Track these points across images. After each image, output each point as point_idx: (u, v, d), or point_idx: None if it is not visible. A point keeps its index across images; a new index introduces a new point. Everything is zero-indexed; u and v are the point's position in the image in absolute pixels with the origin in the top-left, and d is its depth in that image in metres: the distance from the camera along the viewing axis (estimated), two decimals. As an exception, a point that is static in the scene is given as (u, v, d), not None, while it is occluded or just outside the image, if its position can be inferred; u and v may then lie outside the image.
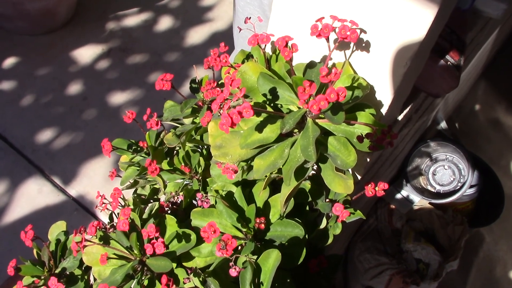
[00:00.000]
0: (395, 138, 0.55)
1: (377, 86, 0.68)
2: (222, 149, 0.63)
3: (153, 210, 0.78)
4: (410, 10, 0.58)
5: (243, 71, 0.64)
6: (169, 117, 0.83)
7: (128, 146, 0.89)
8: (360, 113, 0.62)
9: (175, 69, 2.10)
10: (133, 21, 2.28)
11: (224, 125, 0.52)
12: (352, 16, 0.64)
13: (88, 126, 1.88)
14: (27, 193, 1.68)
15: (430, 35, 0.61)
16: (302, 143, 0.59)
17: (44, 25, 2.15)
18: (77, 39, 2.17)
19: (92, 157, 1.77)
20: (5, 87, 1.96)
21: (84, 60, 2.10)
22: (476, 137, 2.09)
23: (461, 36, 0.87)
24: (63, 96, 1.97)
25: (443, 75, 0.81)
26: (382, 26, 0.62)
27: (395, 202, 1.48)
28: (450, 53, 0.83)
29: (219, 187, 0.74)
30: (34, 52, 2.10)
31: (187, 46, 2.21)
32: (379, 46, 0.64)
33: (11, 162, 1.74)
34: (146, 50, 2.17)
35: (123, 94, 2.00)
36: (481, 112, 2.20)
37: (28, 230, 0.74)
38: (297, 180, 0.61)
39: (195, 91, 0.84)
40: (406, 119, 0.89)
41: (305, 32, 0.69)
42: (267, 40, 0.66)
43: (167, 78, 0.77)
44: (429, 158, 1.47)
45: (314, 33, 0.60)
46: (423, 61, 0.71)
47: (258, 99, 0.64)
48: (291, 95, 0.61)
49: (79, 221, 1.63)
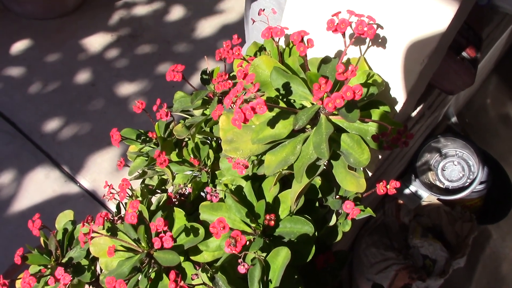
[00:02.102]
0: (411, 138, 0.53)
1: (392, 83, 0.66)
2: (233, 143, 0.62)
3: (161, 201, 0.78)
4: (430, 7, 0.56)
5: (256, 64, 0.63)
6: (179, 108, 0.82)
7: (137, 136, 0.88)
8: (374, 110, 0.60)
9: (184, 58, 2.09)
10: (144, 8, 2.26)
11: (236, 121, 0.51)
12: (369, 11, 0.62)
13: (96, 113, 1.87)
14: (34, 179, 1.68)
15: (449, 33, 0.60)
16: (315, 140, 0.58)
17: (54, 9, 2.14)
18: (86, 24, 2.16)
19: (100, 144, 1.77)
20: (13, 72, 1.96)
21: (93, 46, 2.09)
22: (486, 132, 2.06)
23: (478, 32, 0.85)
24: (71, 82, 1.96)
25: (458, 72, 0.80)
26: (400, 21, 0.61)
27: (403, 197, 1.46)
28: (467, 50, 0.81)
29: (228, 181, 0.73)
30: (43, 37, 2.09)
31: (197, 35, 2.20)
32: (396, 42, 0.63)
33: (19, 147, 1.74)
34: (156, 38, 2.15)
35: (132, 81, 1.99)
36: (492, 108, 2.17)
37: (36, 219, 0.74)
38: (309, 178, 0.60)
39: (206, 83, 0.83)
40: (419, 115, 0.87)
41: (320, 26, 0.68)
42: (281, 33, 0.65)
43: (178, 69, 0.76)
44: (439, 153, 1.45)
45: (330, 28, 0.58)
46: (440, 58, 0.70)
47: (271, 94, 0.63)
48: (305, 90, 0.60)
49: (86, 208, 1.63)
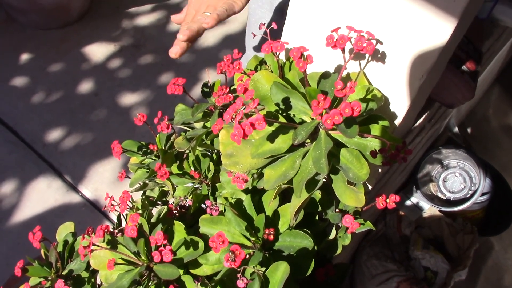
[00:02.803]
0: (410, 154, 0.54)
1: (391, 97, 0.67)
2: (233, 158, 0.63)
3: (161, 214, 0.78)
4: (429, 22, 0.57)
5: (256, 79, 0.64)
6: (180, 121, 0.83)
7: (138, 148, 0.88)
8: (373, 125, 0.61)
9: (187, 68, 2.10)
10: (146, 18, 2.28)
11: (236, 136, 0.52)
12: (369, 26, 0.63)
13: (99, 123, 1.88)
14: (36, 188, 1.68)
15: (448, 48, 0.60)
16: (314, 154, 0.58)
17: (58, 19, 2.16)
18: (90, 34, 2.18)
19: (102, 153, 1.78)
20: (17, 81, 1.97)
21: (96, 55, 2.10)
22: (488, 143, 2.06)
23: (477, 46, 0.86)
24: (74, 92, 1.97)
25: (458, 86, 0.80)
26: (399, 37, 0.61)
27: (404, 209, 1.46)
28: (467, 64, 0.82)
29: (229, 194, 0.73)
30: (47, 46, 2.10)
31: (200, 45, 2.21)
32: (395, 58, 0.63)
33: (22, 156, 1.75)
34: (159, 48, 2.16)
35: (135, 91, 2.00)
36: (494, 118, 2.17)
37: (36, 231, 0.74)
38: (308, 192, 0.61)
39: (207, 95, 0.84)
40: (420, 128, 0.88)
41: (320, 40, 0.69)
42: (281, 48, 0.65)
43: (179, 82, 0.76)
44: (440, 164, 1.45)
45: (329, 43, 0.59)
46: (440, 73, 0.70)
47: (271, 108, 0.63)
48: (304, 105, 0.60)
49: (87, 217, 1.63)
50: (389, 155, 0.53)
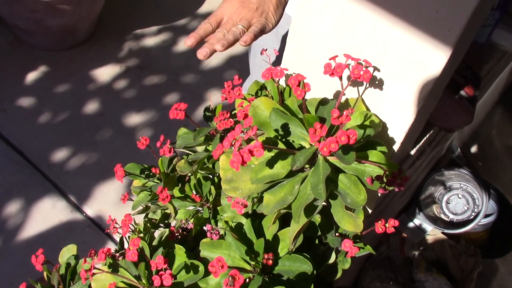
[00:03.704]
0: (406, 180, 0.54)
1: (389, 123, 0.68)
2: (233, 183, 0.64)
3: (163, 237, 0.79)
4: (424, 51, 0.58)
5: (256, 105, 0.65)
6: (182, 145, 0.84)
7: (141, 171, 0.89)
8: (371, 151, 0.62)
9: (191, 89, 2.12)
10: (152, 39, 2.31)
11: (234, 163, 0.53)
12: (366, 54, 0.64)
13: (104, 143, 1.90)
14: (41, 208, 1.70)
15: (444, 75, 0.61)
16: (312, 180, 0.59)
17: (65, 41, 2.19)
18: (96, 55, 2.21)
19: (107, 174, 1.79)
20: (24, 102, 1.99)
21: (102, 76, 2.13)
22: (491, 164, 2.06)
23: (476, 71, 0.87)
24: (80, 112, 1.99)
25: (457, 111, 0.81)
26: (396, 65, 0.62)
27: (407, 231, 1.46)
28: (465, 89, 0.83)
29: (229, 218, 0.74)
30: (54, 68, 2.13)
31: (204, 67, 2.23)
32: (392, 84, 0.64)
33: (27, 177, 1.77)
34: (164, 69, 2.19)
35: (139, 111, 2.02)
36: (497, 139, 2.17)
37: (39, 254, 0.75)
38: (307, 217, 0.61)
39: (209, 120, 0.85)
40: (419, 152, 0.88)
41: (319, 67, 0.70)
42: (281, 74, 0.67)
43: (181, 107, 0.78)
44: (443, 186, 1.45)
45: (327, 71, 0.60)
46: (437, 98, 0.71)
47: (270, 134, 0.64)
48: (303, 131, 0.62)
49: (91, 238, 1.64)
50: (386, 181, 0.54)
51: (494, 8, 0.90)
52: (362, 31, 0.63)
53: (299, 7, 0.67)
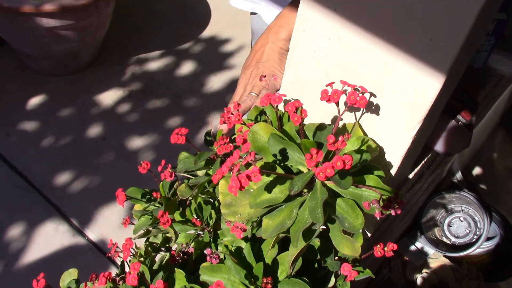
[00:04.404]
0: (402, 205, 0.55)
1: (386, 147, 0.69)
2: (232, 207, 0.65)
3: (163, 261, 0.79)
4: (419, 79, 0.59)
5: (255, 131, 0.66)
6: (183, 169, 0.85)
7: (142, 195, 0.90)
8: (368, 176, 0.62)
9: (194, 112, 2.14)
10: (155, 64, 2.34)
11: (233, 188, 0.54)
12: (363, 80, 0.65)
13: (106, 167, 1.91)
14: (43, 232, 1.70)
15: (439, 101, 0.63)
16: (310, 204, 0.60)
17: (69, 66, 2.22)
18: (99, 80, 2.24)
19: (109, 197, 1.80)
20: (28, 126, 2.01)
21: (105, 100, 2.15)
22: (493, 186, 2.06)
23: (472, 96, 0.88)
24: (83, 136, 2.01)
25: (454, 135, 0.82)
26: (392, 91, 0.63)
27: (409, 254, 1.46)
28: (462, 113, 0.84)
29: (229, 242, 0.75)
30: (58, 92, 2.16)
31: (207, 90, 2.26)
32: (389, 110, 0.65)
33: (30, 200, 1.78)
34: (166, 93, 2.22)
35: (142, 135, 2.03)
36: (499, 161, 2.18)
37: (40, 278, 0.76)
38: (305, 241, 0.62)
39: (209, 144, 0.86)
40: (418, 176, 0.89)
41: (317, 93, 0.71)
42: (279, 100, 0.68)
43: (182, 132, 0.79)
44: (445, 209, 1.45)
45: (324, 98, 0.61)
46: (433, 123, 0.72)
47: (269, 159, 0.65)
48: (301, 156, 0.63)
49: (93, 261, 1.64)
50: (382, 206, 0.55)
51: (489, 34, 0.92)
52: (359, 58, 0.64)
53: (296, 35, 0.69)
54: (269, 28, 0.93)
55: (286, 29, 0.91)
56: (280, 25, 0.92)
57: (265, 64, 0.91)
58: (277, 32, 0.92)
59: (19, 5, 1.85)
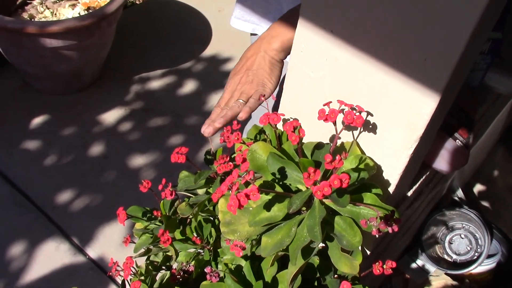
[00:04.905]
0: (399, 223, 0.56)
1: (384, 166, 0.70)
2: (231, 225, 0.65)
3: (164, 279, 0.80)
4: (414, 98, 0.60)
5: (254, 150, 0.67)
6: (183, 188, 0.86)
7: (143, 214, 0.91)
8: (366, 194, 0.63)
9: (195, 131, 2.15)
10: (157, 82, 2.36)
11: (232, 207, 0.54)
12: (360, 100, 0.66)
13: (108, 185, 1.92)
14: (45, 251, 1.70)
15: (435, 120, 0.64)
16: (308, 223, 0.60)
17: (71, 85, 2.24)
18: (101, 98, 2.25)
19: (110, 216, 1.80)
20: (30, 145, 2.03)
21: (107, 119, 2.17)
22: (495, 203, 2.06)
23: (469, 114, 0.89)
24: (85, 155, 2.02)
25: (452, 153, 0.83)
26: (388, 110, 0.65)
27: (410, 272, 1.45)
28: (459, 131, 0.85)
29: (229, 261, 0.75)
30: (60, 111, 2.18)
31: (208, 108, 2.27)
32: (385, 129, 0.66)
33: (32, 219, 1.78)
34: (168, 111, 2.23)
35: (144, 153, 2.04)
36: (500, 178, 2.18)
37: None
38: (304, 259, 0.62)
39: (209, 163, 0.87)
40: (417, 193, 0.90)
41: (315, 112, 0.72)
42: (277, 120, 0.69)
43: (182, 151, 0.80)
44: (445, 226, 1.45)
45: (321, 117, 0.62)
46: (430, 141, 0.73)
47: (268, 177, 0.66)
48: (299, 175, 0.63)
49: (93, 280, 1.64)
50: (379, 224, 0.56)
51: (485, 53, 0.93)
52: (355, 78, 0.65)
53: (294, 56, 0.71)
54: (262, 38, 0.94)
55: (279, 39, 0.91)
56: (273, 35, 0.92)
57: (256, 72, 0.91)
58: (269, 42, 0.92)
59: (23, 26, 1.87)
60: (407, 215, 0.98)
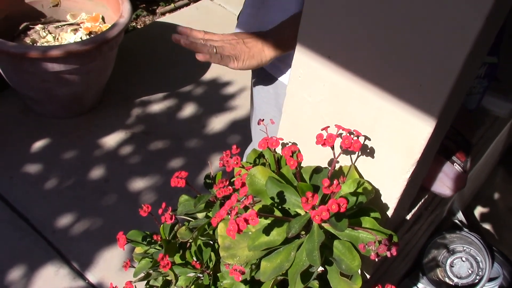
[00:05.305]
0: (398, 247, 0.56)
1: (382, 189, 0.70)
2: (231, 250, 0.65)
3: (163, 304, 0.79)
4: (410, 123, 0.61)
5: (253, 174, 0.68)
6: (183, 212, 0.86)
7: (143, 238, 0.91)
8: (364, 218, 0.63)
9: (195, 153, 2.16)
10: (157, 106, 2.38)
11: (231, 231, 0.55)
12: (357, 124, 0.67)
13: (108, 208, 1.92)
14: (44, 275, 1.69)
15: (432, 144, 0.64)
16: (307, 247, 0.61)
17: (73, 109, 2.26)
18: (102, 122, 2.27)
19: (109, 240, 1.79)
20: (31, 169, 2.03)
21: (108, 142, 2.18)
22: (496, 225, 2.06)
23: (466, 137, 0.90)
24: (86, 178, 2.02)
25: (450, 176, 0.83)
26: (385, 134, 0.65)
27: (411, 295, 1.44)
28: (457, 154, 0.85)
29: (228, 285, 0.75)
30: (61, 135, 2.19)
31: (208, 132, 2.28)
32: (383, 153, 0.67)
33: (31, 243, 1.78)
34: (168, 134, 2.24)
35: (144, 176, 2.05)
36: (501, 200, 2.18)
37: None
38: (303, 284, 0.62)
39: (209, 187, 0.87)
40: (416, 217, 0.90)
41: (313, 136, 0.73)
42: (276, 144, 0.70)
43: (181, 176, 0.81)
44: (446, 249, 1.45)
45: (319, 142, 0.63)
46: (427, 165, 0.73)
47: (267, 202, 0.66)
48: (298, 199, 0.64)
49: (93, 305, 1.63)
50: (377, 248, 0.56)
51: (481, 77, 0.94)
52: (352, 102, 0.66)
53: (292, 81, 0.72)
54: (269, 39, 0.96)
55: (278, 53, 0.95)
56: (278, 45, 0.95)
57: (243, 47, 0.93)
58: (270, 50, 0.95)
59: (25, 51, 1.90)
60: (407, 239, 0.98)
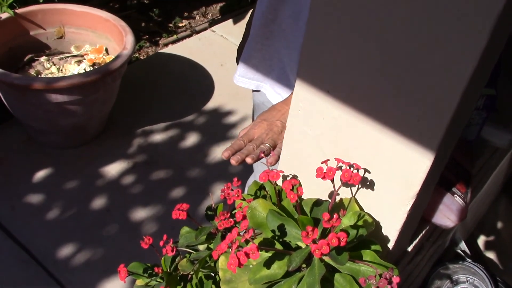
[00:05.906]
0: (398, 281, 0.56)
1: (382, 222, 0.70)
2: (232, 283, 0.65)
3: (164, 338, 0.79)
4: (409, 156, 0.62)
5: (253, 207, 0.68)
6: (184, 244, 0.86)
7: (144, 270, 0.91)
8: (365, 251, 0.64)
9: (197, 183, 2.17)
10: (160, 136, 2.39)
11: (232, 265, 0.55)
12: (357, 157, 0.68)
13: (109, 239, 1.91)
14: (44, 307, 1.68)
15: (431, 176, 0.65)
16: (308, 280, 0.61)
17: (75, 139, 2.27)
18: (105, 152, 2.28)
19: (111, 271, 1.79)
20: (33, 199, 2.04)
21: (110, 172, 2.19)
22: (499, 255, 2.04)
23: (467, 168, 0.90)
24: (87, 208, 2.03)
25: (450, 208, 0.83)
26: (385, 168, 0.66)
27: (415, 327, 1.43)
28: (457, 185, 0.86)
29: (229, 319, 0.75)
30: (63, 165, 2.20)
31: (210, 161, 2.29)
32: (383, 185, 0.68)
33: (32, 274, 1.77)
34: (170, 164, 2.25)
35: (146, 206, 2.05)
36: (504, 229, 2.17)
37: None
38: (304, 318, 0.62)
39: (210, 218, 0.88)
40: (417, 248, 0.90)
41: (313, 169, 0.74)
42: (277, 177, 0.70)
43: (183, 208, 0.81)
44: (449, 280, 1.44)
45: (319, 175, 0.64)
46: (427, 197, 0.74)
47: (268, 234, 0.67)
48: (298, 232, 0.64)
49: (93, 338, 1.61)
50: (378, 282, 0.56)
51: (480, 108, 0.95)
52: (352, 136, 0.67)
53: (293, 114, 0.73)
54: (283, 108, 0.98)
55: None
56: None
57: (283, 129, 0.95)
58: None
59: (30, 83, 1.92)
60: (409, 270, 0.98)
